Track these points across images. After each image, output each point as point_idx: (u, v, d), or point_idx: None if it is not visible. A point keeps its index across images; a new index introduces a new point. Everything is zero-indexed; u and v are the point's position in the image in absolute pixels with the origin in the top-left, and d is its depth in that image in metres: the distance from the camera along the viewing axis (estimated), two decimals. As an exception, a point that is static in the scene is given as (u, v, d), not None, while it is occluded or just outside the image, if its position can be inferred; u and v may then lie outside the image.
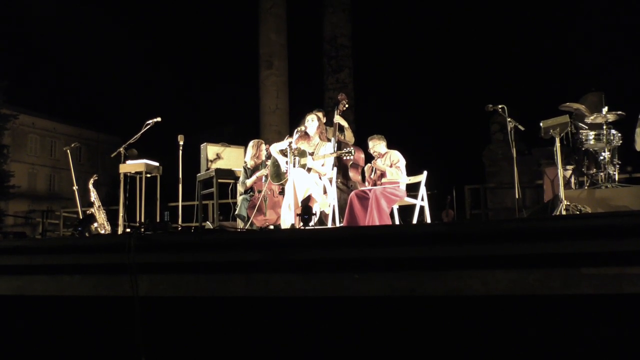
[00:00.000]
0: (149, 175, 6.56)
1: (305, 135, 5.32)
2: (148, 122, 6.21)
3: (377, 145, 5.55)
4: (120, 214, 6.37)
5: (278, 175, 5.36)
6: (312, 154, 5.17)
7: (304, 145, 5.26)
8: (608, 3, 15.40)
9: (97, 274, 3.48)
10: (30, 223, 21.70)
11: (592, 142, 5.29)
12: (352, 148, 5.00)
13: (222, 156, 6.60)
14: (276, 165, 5.40)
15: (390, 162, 5.35)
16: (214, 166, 6.49)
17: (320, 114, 5.52)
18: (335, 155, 5.07)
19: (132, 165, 6.41)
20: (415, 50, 23.05)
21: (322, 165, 5.13)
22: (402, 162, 5.34)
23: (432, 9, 21.67)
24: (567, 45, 17.12)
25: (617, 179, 5.32)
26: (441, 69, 23.07)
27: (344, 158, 5.03)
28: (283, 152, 5.27)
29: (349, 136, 5.78)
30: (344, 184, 5.48)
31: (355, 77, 12.83)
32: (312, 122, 5.34)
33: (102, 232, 6.22)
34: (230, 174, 6.54)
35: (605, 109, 5.27)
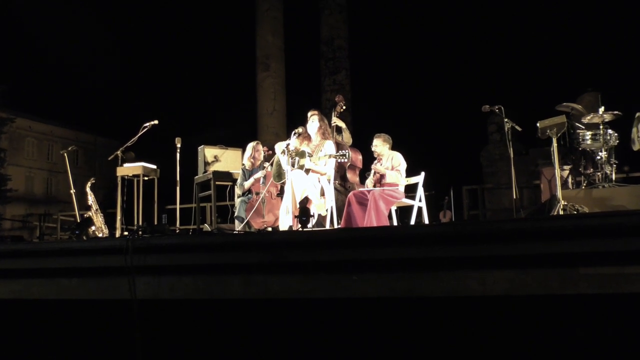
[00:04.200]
0: (146, 178, 6.55)
1: (307, 136, 5.28)
2: (145, 124, 6.21)
3: (380, 146, 5.40)
4: (118, 217, 6.36)
5: (280, 174, 5.33)
6: (311, 154, 5.13)
7: (305, 147, 5.21)
8: (605, 3, 15.46)
9: (95, 277, 3.47)
10: (27, 227, 21.64)
11: (589, 142, 5.30)
12: (346, 151, 4.92)
13: (219, 158, 6.59)
14: (279, 164, 5.37)
15: (392, 165, 5.29)
16: (211, 168, 6.48)
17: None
18: (330, 158, 5.00)
19: (129, 168, 6.40)
20: (412, 51, 23.10)
21: (325, 164, 5.07)
22: (403, 165, 5.27)
23: (428, 9, 21.74)
24: (564, 45, 17.19)
25: (614, 178, 5.33)
26: (438, 69, 23.18)
27: (338, 161, 4.98)
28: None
29: (346, 137, 5.76)
30: (342, 185, 5.47)
31: (353, 78, 12.81)
32: (312, 122, 5.29)
33: (100, 235, 6.21)
34: (228, 176, 6.53)
35: (601, 109, 5.27)
